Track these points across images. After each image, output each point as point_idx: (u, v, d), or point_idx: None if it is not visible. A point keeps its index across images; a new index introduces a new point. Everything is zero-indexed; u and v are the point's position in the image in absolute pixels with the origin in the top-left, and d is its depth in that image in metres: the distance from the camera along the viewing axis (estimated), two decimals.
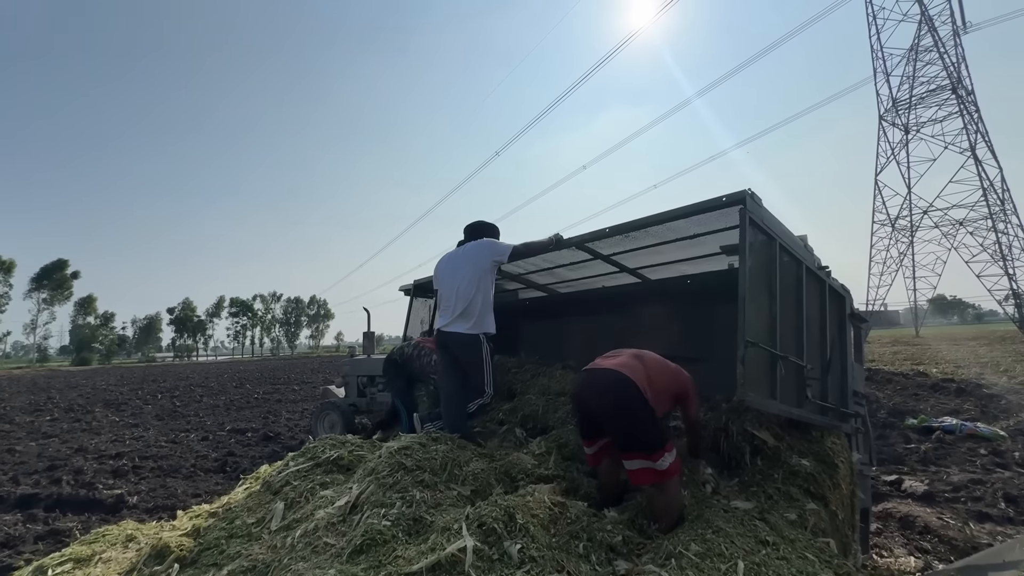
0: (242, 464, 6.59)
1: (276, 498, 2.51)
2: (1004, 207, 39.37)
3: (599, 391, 2.28)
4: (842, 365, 3.26)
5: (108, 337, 73.89)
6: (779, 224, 2.61)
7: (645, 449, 2.13)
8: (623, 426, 2.19)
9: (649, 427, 2.15)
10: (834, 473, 2.64)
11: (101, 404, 14.37)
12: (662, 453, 2.10)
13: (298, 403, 13.31)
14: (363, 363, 7.55)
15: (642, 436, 2.15)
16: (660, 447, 2.11)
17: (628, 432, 2.18)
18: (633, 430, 2.17)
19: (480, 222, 3.54)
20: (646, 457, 2.11)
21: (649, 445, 2.12)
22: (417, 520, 1.97)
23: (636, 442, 2.16)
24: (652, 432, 2.15)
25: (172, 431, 9.42)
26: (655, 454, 2.10)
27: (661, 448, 2.11)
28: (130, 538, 2.63)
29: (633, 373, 2.24)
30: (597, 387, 2.30)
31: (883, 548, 3.67)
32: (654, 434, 2.15)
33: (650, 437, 2.14)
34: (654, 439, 2.13)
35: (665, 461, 2.10)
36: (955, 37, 40.40)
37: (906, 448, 6.55)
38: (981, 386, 11.44)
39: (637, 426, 2.16)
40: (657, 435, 2.15)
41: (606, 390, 2.25)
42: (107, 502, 5.00)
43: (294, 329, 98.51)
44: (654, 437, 2.14)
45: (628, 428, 2.18)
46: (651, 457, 2.10)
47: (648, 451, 2.11)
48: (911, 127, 42.95)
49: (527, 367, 4.14)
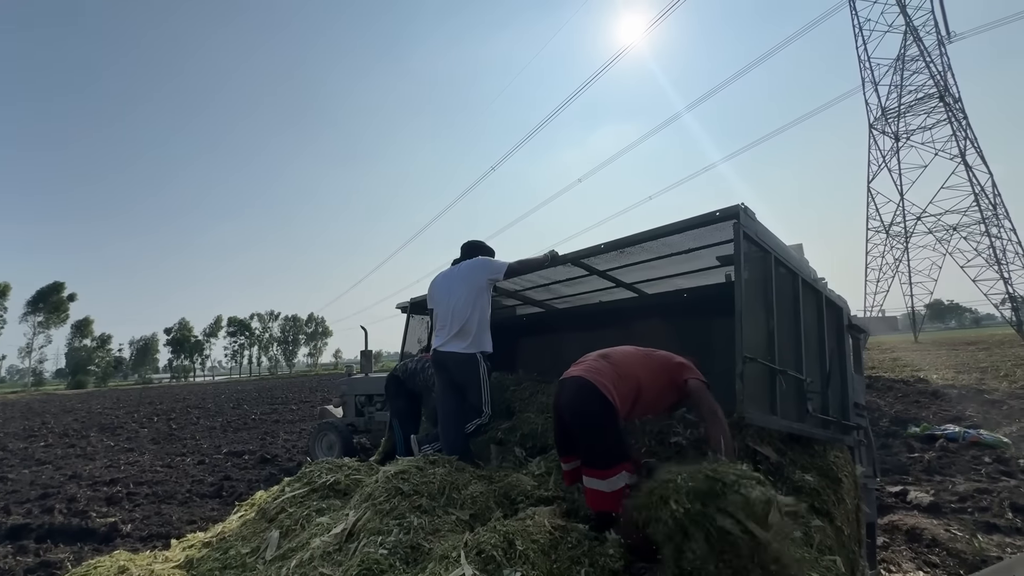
0: (238, 488, 6.48)
1: (271, 526, 2.47)
2: (996, 211, 39.71)
3: (565, 400, 2.22)
4: (842, 377, 3.24)
5: (104, 359, 73.36)
6: (773, 237, 2.62)
7: (599, 464, 2.00)
8: (582, 437, 2.11)
9: (606, 438, 2.03)
10: (838, 488, 2.60)
11: (96, 428, 14.20)
12: (617, 471, 1.96)
13: (296, 423, 13.18)
14: (361, 382, 7.50)
15: (598, 446, 2.03)
16: (615, 463, 1.98)
17: (586, 443, 2.09)
18: (590, 440, 2.07)
19: (474, 241, 3.55)
20: (599, 474, 1.99)
21: (603, 459, 2.00)
22: (415, 548, 1.93)
23: (592, 453, 2.05)
24: (609, 444, 2.02)
25: (168, 455, 9.30)
26: (608, 470, 1.97)
27: (616, 465, 1.97)
28: (122, 570, 2.56)
29: (595, 375, 2.15)
30: (564, 397, 2.23)
31: (891, 563, 3.61)
32: (610, 447, 2.01)
33: (606, 449, 2.01)
34: (609, 452, 2.00)
35: (617, 481, 1.95)
36: (940, 46, 41.16)
37: (910, 457, 6.49)
38: (982, 392, 11.40)
39: (594, 435, 2.06)
40: (613, 448, 2.01)
41: (571, 398, 2.18)
42: (100, 531, 4.90)
43: (292, 347, 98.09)
44: (609, 450, 2.00)
45: (586, 438, 2.09)
46: (603, 474, 1.97)
47: (601, 466, 1.99)
48: (901, 135, 43.51)
49: (525, 384, 4.11)
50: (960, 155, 39.78)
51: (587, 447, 2.10)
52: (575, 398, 2.16)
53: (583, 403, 2.11)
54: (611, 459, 2.01)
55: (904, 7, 40.64)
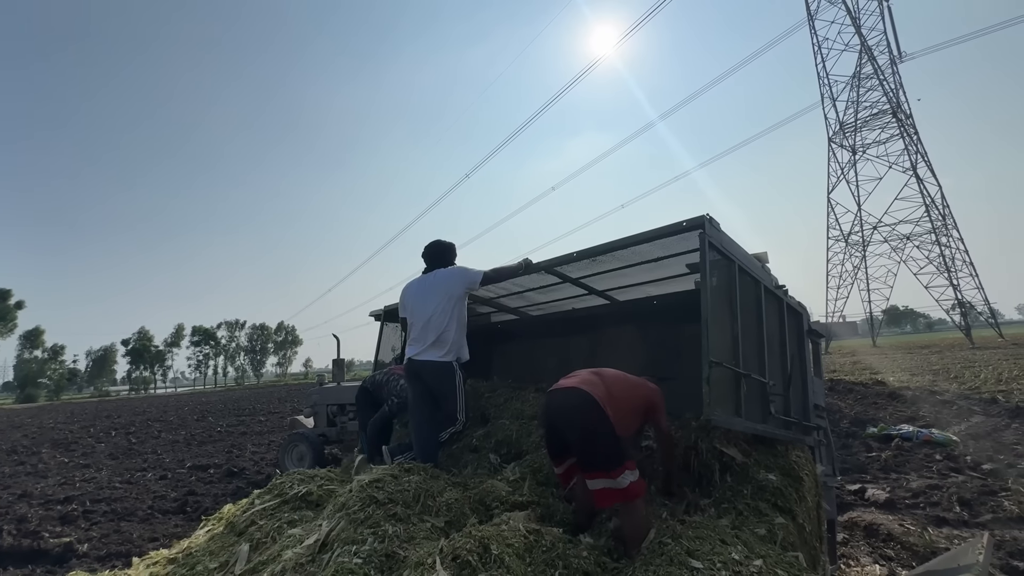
0: (204, 503, 6.27)
1: (240, 539, 2.40)
2: (945, 222, 42.01)
3: (561, 410, 2.32)
4: (803, 380, 3.38)
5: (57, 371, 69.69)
6: (737, 246, 2.73)
7: (604, 467, 2.13)
8: (584, 443, 2.21)
9: (608, 443, 2.16)
10: (800, 486, 2.71)
11: (48, 444, 13.46)
12: (621, 471, 2.10)
13: (264, 435, 12.81)
14: (333, 391, 7.37)
15: (602, 451, 2.16)
16: (619, 464, 2.12)
17: (589, 449, 2.19)
18: (593, 446, 2.18)
19: (439, 243, 3.46)
20: (606, 476, 2.12)
21: (608, 462, 2.13)
22: (390, 556, 1.92)
23: (596, 459, 2.17)
24: (611, 448, 2.16)
25: (127, 471, 8.90)
26: (614, 471, 2.10)
27: (620, 466, 2.12)
28: None
29: (592, 389, 2.28)
30: (559, 406, 2.33)
31: (850, 558, 3.78)
32: (613, 450, 2.16)
33: (609, 452, 2.15)
34: (613, 455, 2.14)
35: (625, 479, 2.10)
36: (892, 65, 43.50)
37: (868, 457, 6.79)
38: (934, 393, 12.01)
39: (597, 442, 2.17)
40: (616, 451, 2.16)
41: (567, 408, 2.28)
42: (54, 552, 4.67)
43: (260, 357, 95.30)
44: (613, 453, 2.15)
45: (588, 444, 2.19)
46: (611, 475, 2.11)
47: (607, 468, 2.12)
48: (858, 148, 45.63)
49: (500, 391, 4.13)
50: (912, 168, 41.97)
51: (589, 453, 2.20)
52: (572, 407, 2.26)
53: (581, 412, 2.22)
54: (615, 461, 2.13)
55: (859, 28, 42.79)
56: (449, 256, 3.46)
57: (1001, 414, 9.08)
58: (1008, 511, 4.45)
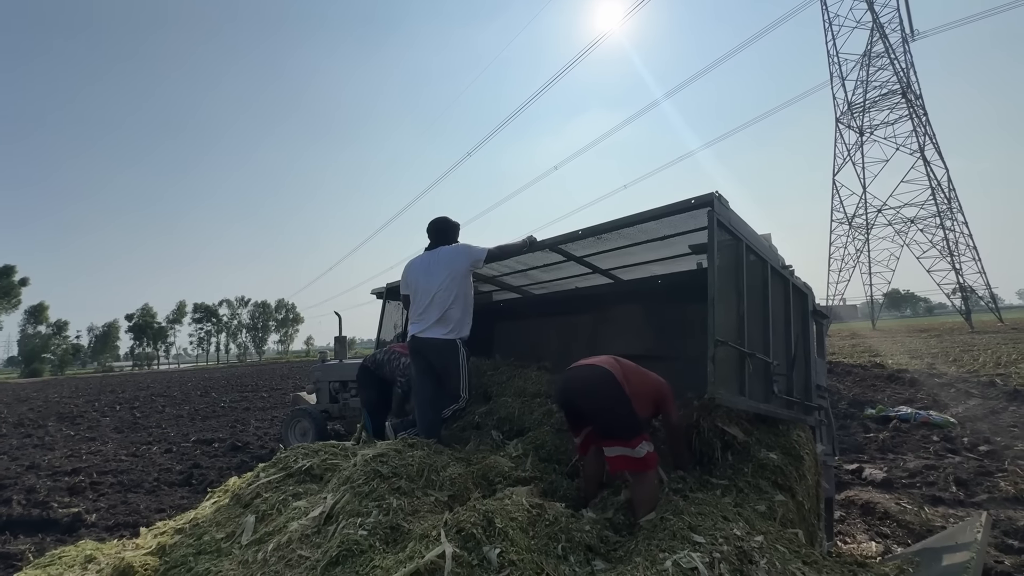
0: (209, 476, 6.36)
1: (246, 511, 2.43)
2: (951, 206, 41.65)
3: (580, 384, 2.44)
4: (806, 360, 3.38)
5: (61, 347, 70.23)
6: (745, 225, 2.69)
7: (623, 436, 2.26)
8: (603, 413, 2.33)
9: (627, 414, 2.29)
10: (800, 465, 2.73)
11: (54, 418, 13.64)
12: (639, 441, 2.24)
13: (267, 411, 12.95)
14: (335, 368, 7.42)
15: (620, 422, 2.28)
16: (637, 435, 2.25)
17: (607, 419, 2.32)
18: (612, 416, 2.30)
19: (445, 220, 3.43)
20: (624, 444, 2.25)
21: (626, 432, 2.26)
22: (394, 528, 1.94)
23: (615, 428, 2.29)
24: (630, 419, 2.29)
25: (133, 444, 9.03)
26: (632, 441, 2.23)
27: (638, 436, 2.24)
28: (89, 559, 2.50)
29: (612, 367, 2.41)
30: (578, 381, 2.46)
31: (847, 535, 3.83)
32: (631, 421, 2.28)
33: (628, 423, 2.28)
34: (631, 426, 2.27)
35: (642, 449, 2.22)
36: (904, 44, 42.53)
37: (866, 437, 6.85)
38: (933, 376, 12.07)
39: (616, 412, 2.30)
40: (634, 422, 2.29)
41: (587, 382, 2.42)
42: (63, 521, 4.75)
43: (262, 334, 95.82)
44: (631, 424, 2.28)
45: (607, 415, 2.32)
46: (628, 444, 2.24)
47: (626, 438, 2.25)
48: (865, 129, 44.95)
49: (503, 369, 4.14)
50: (919, 150, 41.42)
51: (608, 423, 2.33)
52: (593, 380, 2.39)
53: (602, 384, 2.36)
54: (633, 432, 2.26)
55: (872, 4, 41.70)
56: (453, 234, 3.43)
57: (999, 397, 9.14)
58: (1004, 491, 4.50)
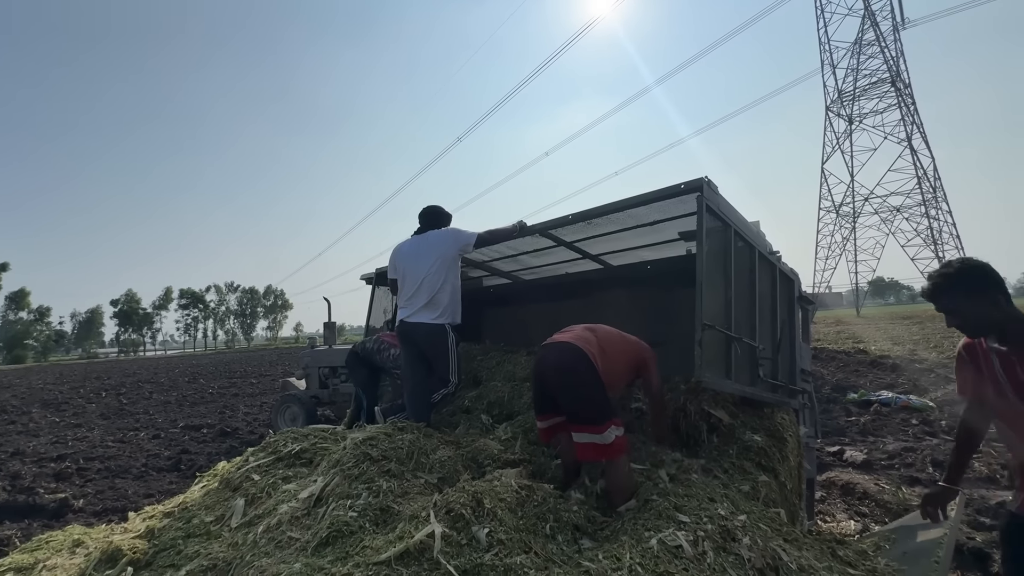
0: (198, 461, 6.35)
1: (236, 495, 2.44)
2: (936, 195, 42.28)
3: (551, 363, 2.33)
4: (791, 345, 3.44)
5: (44, 333, 69.09)
6: (734, 211, 2.71)
7: (591, 421, 2.17)
8: (573, 396, 2.24)
9: (596, 397, 2.20)
10: (783, 447, 2.79)
11: (38, 404, 13.48)
12: (607, 426, 2.14)
13: (256, 396, 12.91)
14: (325, 354, 7.39)
15: (589, 405, 2.19)
16: (606, 419, 2.15)
17: (577, 402, 2.23)
18: (580, 400, 2.21)
19: (437, 208, 3.44)
20: (592, 430, 2.15)
21: (595, 416, 2.16)
22: (384, 510, 1.95)
23: (583, 412, 2.20)
24: (599, 403, 2.19)
25: (120, 430, 8.96)
26: (600, 427, 2.14)
27: (607, 421, 2.15)
28: (77, 543, 2.49)
29: (584, 344, 2.30)
30: (550, 360, 2.34)
31: (827, 514, 3.94)
32: (601, 405, 2.19)
33: (596, 408, 2.18)
34: (600, 410, 2.17)
35: (611, 434, 2.13)
36: (895, 32, 42.67)
37: (847, 421, 7.01)
38: (914, 361, 12.34)
39: (584, 395, 2.20)
40: (604, 407, 2.19)
41: (557, 362, 2.30)
42: (49, 507, 4.73)
43: (250, 320, 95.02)
44: (600, 408, 2.18)
45: (577, 398, 2.22)
46: (596, 430, 2.14)
47: (593, 423, 2.15)
48: (854, 118, 45.22)
49: (492, 354, 4.16)
50: (907, 139, 41.83)
51: (576, 406, 2.23)
52: (564, 361, 2.27)
53: (573, 365, 2.24)
54: (602, 415, 2.16)
55: None
56: (444, 220, 3.42)
57: None
58: (978, 472, 4.64)
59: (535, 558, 1.63)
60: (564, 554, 1.74)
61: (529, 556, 1.63)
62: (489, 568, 1.55)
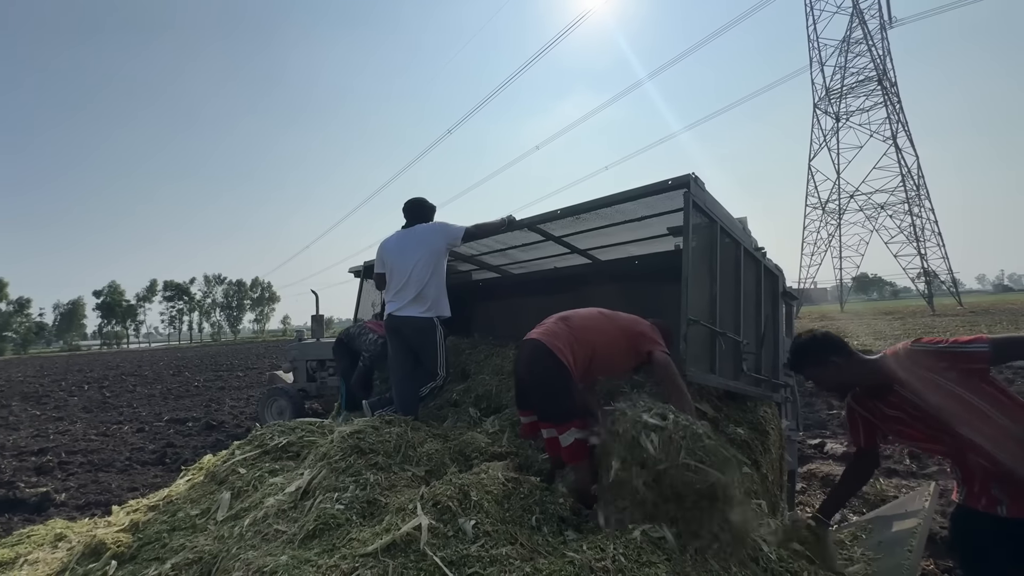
0: (183, 455, 6.30)
1: (222, 488, 2.43)
2: (919, 192, 42.99)
3: (521, 361, 2.33)
4: (775, 340, 3.49)
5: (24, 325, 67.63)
6: (720, 207, 2.74)
7: (552, 419, 2.18)
8: (536, 393, 2.25)
9: (558, 395, 2.14)
10: (765, 439, 2.85)
11: (18, 397, 13.23)
12: (568, 427, 2.09)
13: (243, 390, 12.79)
14: (312, 347, 7.34)
15: (550, 403, 2.17)
16: (568, 419, 2.10)
17: (539, 399, 2.24)
18: (542, 397, 2.21)
19: (421, 200, 3.42)
20: (553, 427, 2.17)
21: (556, 414, 2.15)
22: (371, 502, 1.96)
23: (545, 409, 2.22)
24: (561, 401, 2.14)
25: (102, 423, 8.84)
26: (562, 425, 2.11)
27: (568, 421, 2.10)
28: (59, 537, 2.48)
29: (551, 339, 2.21)
30: (522, 358, 2.34)
31: (807, 505, 4.03)
32: (563, 403, 2.13)
33: (558, 405, 2.14)
34: (562, 409, 2.13)
35: (569, 436, 2.09)
36: (882, 31, 43.11)
37: (829, 414, 7.15)
38: None
39: (546, 393, 2.19)
40: (566, 405, 2.13)
41: (525, 359, 2.28)
42: (31, 501, 4.66)
43: (237, 313, 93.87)
44: (562, 406, 2.13)
45: (539, 395, 2.23)
46: (559, 428, 2.13)
47: (556, 421, 2.15)
48: (841, 115, 45.72)
49: (481, 348, 4.17)
50: (892, 137, 42.42)
51: (542, 404, 2.23)
52: (531, 359, 2.24)
53: (537, 364, 2.20)
54: (564, 416, 2.13)
55: None
56: (429, 213, 3.41)
57: None
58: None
59: (521, 549, 1.65)
60: (550, 545, 1.76)
61: (515, 547, 1.65)
62: (475, 559, 1.57)
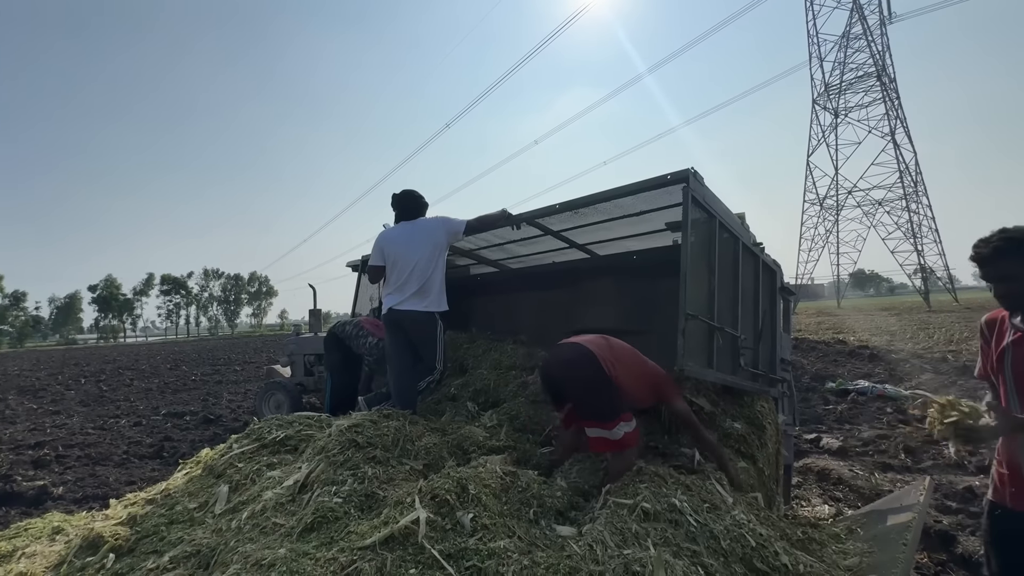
0: (180, 449, 6.30)
1: (220, 481, 2.42)
2: (917, 189, 43.05)
3: (560, 362, 2.38)
4: (772, 335, 3.50)
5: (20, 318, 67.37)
6: (719, 202, 2.73)
7: (600, 418, 2.22)
8: (579, 394, 2.28)
9: (605, 397, 2.23)
10: (762, 434, 2.86)
11: (15, 391, 13.19)
12: (616, 423, 2.19)
13: (240, 384, 12.79)
14: (310, 341, 7.34)
15: (597, 403, 2.24)
16: (615, 416, 2.20)
17: (584, 401, 2.27)
18: (588, 399, 2.26)
19: (415, 192, 3.39)
20: (601, 426, 2.21)
21: (605, 414, 2.21)
22: (369, 496, 1.97)
23: (592, 409, 2.25)
24: (607, 400, 2.23)
25: (100, 417, 8.83)
26: (609, 423, 2.19)
27: (615, 418, 2.20)
28: (57, 530, 2.47)
29: (596, 348, 2.33)
30: (559, 358, 2.40)
31: (802, 499, 4.06)
32: (610, 402, 2.23)
33: (606, 405, 2.22)
34: (610, 407, 2.22)
35: (620, 430, 2.19)
36: (882, 26, 43.01)
37: (825, 409, 7.19)
38: (891, 352, 12.66)
39: (592, 395, 2.25)
40: (612, 405, 2.23)
41: (567, 361, 2.34)
42: (28, 495, 4.66)
43: (234, 307, 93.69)
44: (609, 407, 2.22)
45: (584, 397, 2.27)
46: (605, 426, 2.20)
47: (603, 420, 2.21)
48: (840, 111, 45.68)
49: (479, 342, 4.17)
50: (890, 134, 42.42)
51: (585, 403, 2.28)
52: (571, 359, 2.32)
53: (579, 364, 2.28)
54: (612, 412, 2.21)
55: None
56: (423, 206, 3.39)
57: (949, 372, 9.66)
58: (947, 459, 4.80)
59: (519, 542, 1.66)
60: (547, 538, 1.77)
61: (513, 540, 1.66)
62: (473, 552, 1.58)
